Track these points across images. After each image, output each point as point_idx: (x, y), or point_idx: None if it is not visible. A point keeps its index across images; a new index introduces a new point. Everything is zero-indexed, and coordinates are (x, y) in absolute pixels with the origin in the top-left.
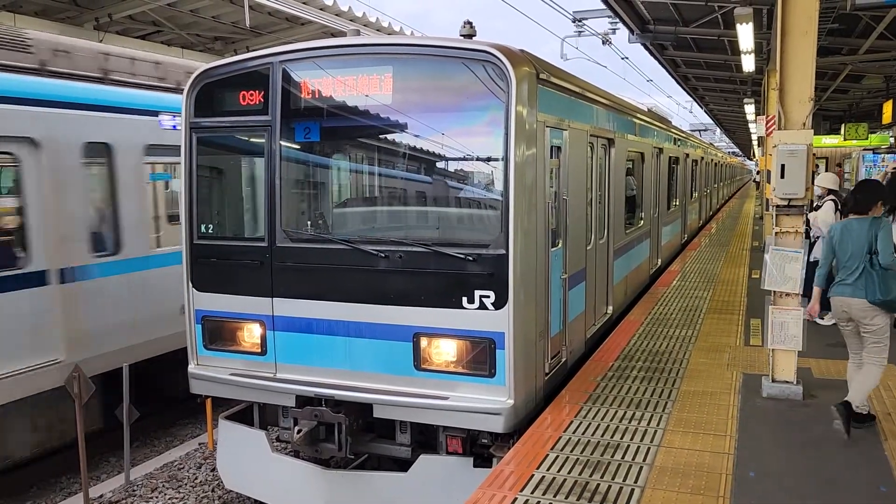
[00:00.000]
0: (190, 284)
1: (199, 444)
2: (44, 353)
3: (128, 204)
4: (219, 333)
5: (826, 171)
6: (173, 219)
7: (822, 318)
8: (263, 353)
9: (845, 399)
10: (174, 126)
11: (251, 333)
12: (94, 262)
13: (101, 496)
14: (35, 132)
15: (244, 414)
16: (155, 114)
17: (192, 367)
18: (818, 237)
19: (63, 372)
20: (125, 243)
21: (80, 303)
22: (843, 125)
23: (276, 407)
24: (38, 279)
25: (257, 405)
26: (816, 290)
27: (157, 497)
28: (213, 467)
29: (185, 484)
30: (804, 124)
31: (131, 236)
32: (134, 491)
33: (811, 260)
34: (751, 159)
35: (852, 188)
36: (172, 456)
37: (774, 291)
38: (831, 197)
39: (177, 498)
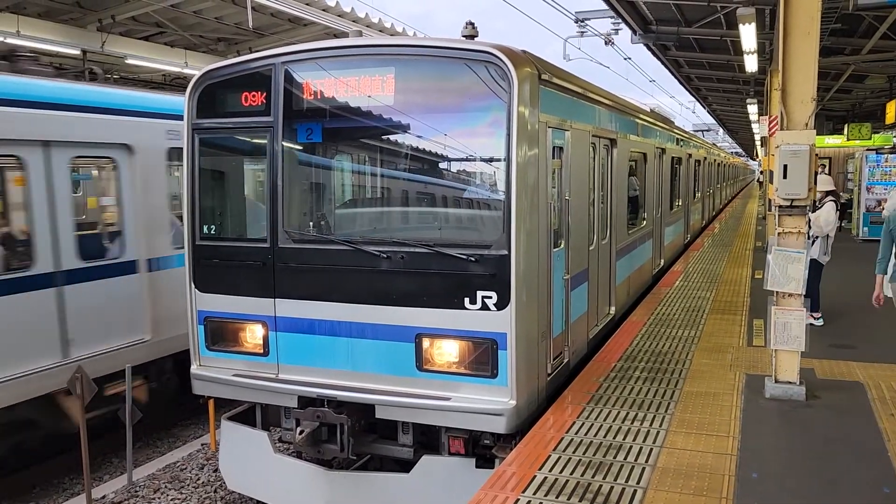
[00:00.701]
0: (192, 285)
1: (202, 444)
2: (135, 333)
3: None
4: (221, 334)
5: (830, 170)
6: None
7: (815, 319)
8: (266, 353)
9: None
10: None
11: (253, 334)
12: (174, 254)
13: (103, 497)
14: (130, 139)
15: (246, 415)
16: None
17: (194, 368)
18: (817, 237)
19: (150, 349)
20: None
21: (162, 289)
22: (846, 125)
23: (279, 408)
24: (131, 268)
25: (259, 406)
26: (879, 278)
27: (159, 498)
28: (216, 468)
29: (188, 485)
30: (806, 125)
31: None
32: (136, 492)
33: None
34: (754, 159)
35: None
36: (175, 457)
37: (777, 292)
38: (830, 198)
39: (179, 499)
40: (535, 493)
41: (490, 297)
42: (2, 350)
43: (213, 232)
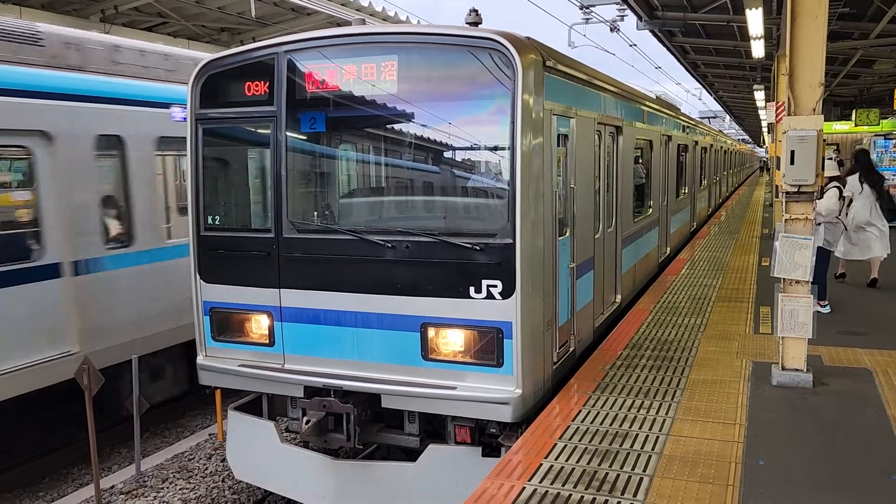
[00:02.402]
0: (197, 276)
1: (209, 435)
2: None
3: None
4: (227, 325)
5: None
6: None
7: (822, 307)
8: (271, 344)
9: None
10: None
11: (259, 324)
12: (108, 255)
13: (112, 487)
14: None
15: (253, 405)
16: None
17: (200, 359)
18: (819, 224)
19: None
20: None
21: (95, 295)
22: (854, 111)
23: (285, 398)
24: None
25: (266, 396)
26: None
27: (167, 487)
28: (223, 458)
29: (196, 474)
30: (814, 110)
31: None
32: (145, 482)
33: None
34: (760, 146)
35: None
36: (183, 447)
37: (784, 279)
38: (834, 184)
39: (187, 488)
40: (541, 482)
41: (495, 286)
42: None
43: (217, 223)
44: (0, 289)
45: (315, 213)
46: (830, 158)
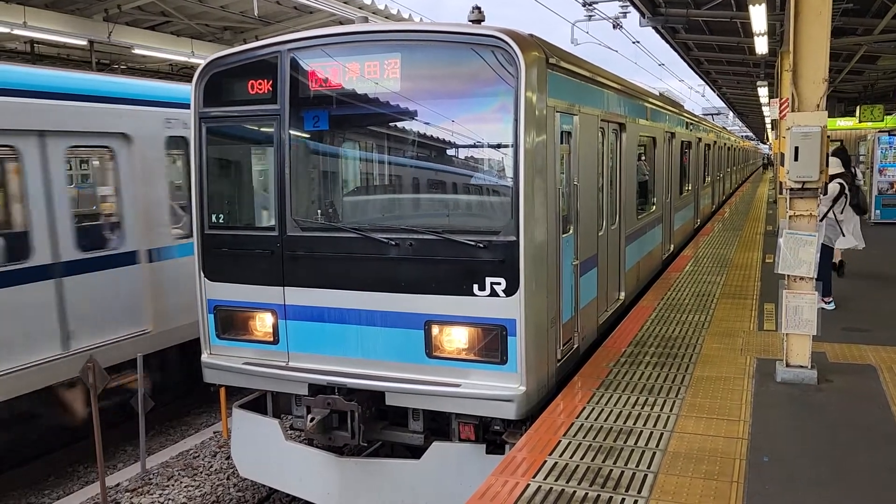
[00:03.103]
0: (202, 274)
1: (214, 432)
2: None
3: None
4: (231, 323)
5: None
6: None
7: (826, 304)
8: (276, 342)
9: None
10: None
11: (263, 322)
12: None
13: (117, 484)
14: None
15: (258, 402)
16: None
17: (205, 357)
18: (822, 220)
19: None
20: None
21: None
22: (858, 107)
23: (290, 395)
24: None
25: (270, 394)
26: None
27: (172, 485)
28: (228, 455)
29: (201, 472)
30: (818, 106)
31: None
32: (150, 479)
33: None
34: (764, 143)
35: None
36: (188, 444)
37: (788, 275)
38: (838, 180)
39: (192, 486)
40: (545, 479)
41: (499, 284)
42: None
43: (221, 221)
44: (96, 272)
45: (319, 211)
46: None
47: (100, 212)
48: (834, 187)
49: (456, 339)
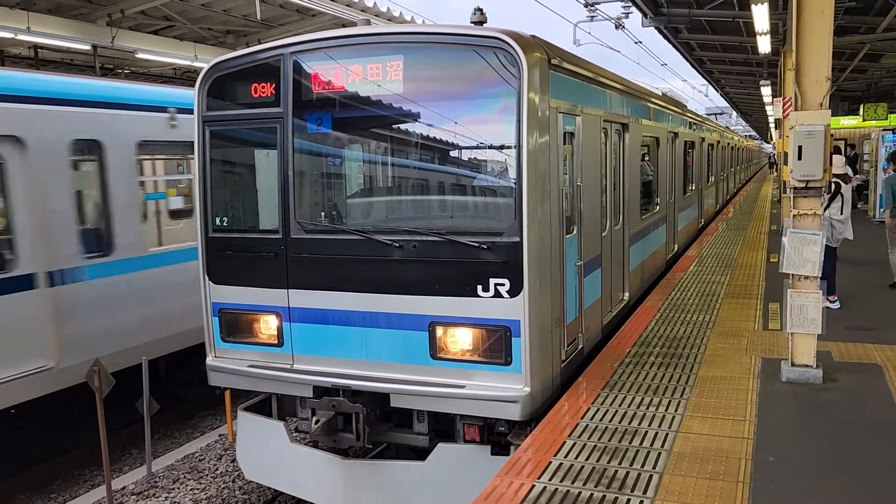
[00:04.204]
0: (206, 277)
1: (219, 435)
2: None
3: None
4: (236, 326)
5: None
6: None
7: (831, 303)
8: (280, 344)
9: None
10: None
11: (268, 325)
12: None
13: (123, 488)
14: None
15: (263, 405)
16: None
17: (209, 360)
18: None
19: None
20: None
21: None
22: (861, 105)
23: (294, 398)
24: None
25: (275, 396)
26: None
27: (178, 488)
28: (233, 458)
29: (206, 475)
30: (821, 105)
31: None
32: (156, 482)
33: None
34: (768, 142)
35: None
36: (193, 447)
37: (793, 274)
38: (834, 180)
39: (198, 489)
40: (550, 479)
41: (503, 285)
42: None
43: (225, 224)
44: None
45: (322, 214)
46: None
47: None
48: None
49: (460, 340)
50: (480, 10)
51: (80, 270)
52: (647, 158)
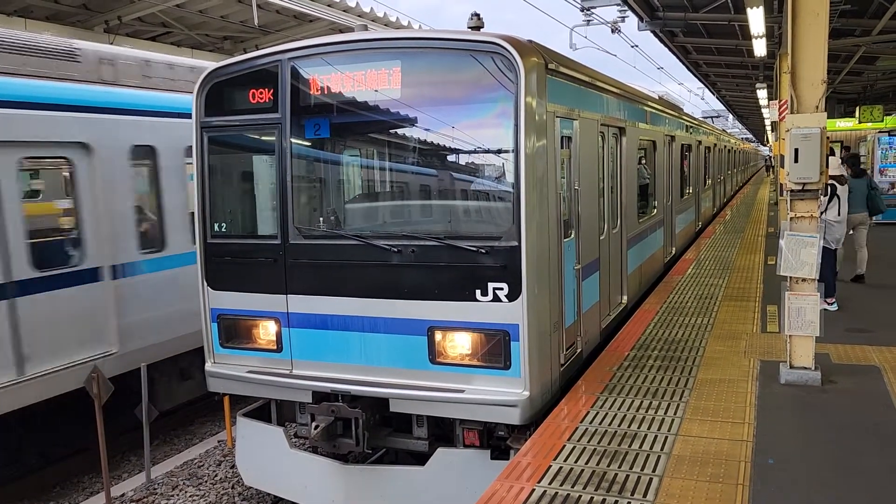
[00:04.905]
0: (205, 283)
1: (219, 441)
2: None
3: None
4: (234, 331)
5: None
6: None
7: (829, 305)
8: (279, 349)
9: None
10: None
11: (266, 330)
12: None
13: (122, 495)
14: None
15: (262, 411)
16: None
17: (208, 366)
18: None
19: None
20: None
21: None
22: (857, 108)
23: (294, 403)
24: None
25: (274, 402)
26: None
27: (177, 495)
28: (233, 464)
29: (206, 481)
30: (817, 107)
31: None
32: (155, 489)
33: None
34: (764, 145)
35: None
36: (192, 454)
37: (790, 277)
38: (830, 182)
39: (197, 495)
40: (550, 483)
41: (501, 289)
42: None
43: (223, 230)
44: None
45: (321, 219)
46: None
47: None
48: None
49: (459, 344)
50: (478, 15)
51: (138, 265)
52: (644, 162)
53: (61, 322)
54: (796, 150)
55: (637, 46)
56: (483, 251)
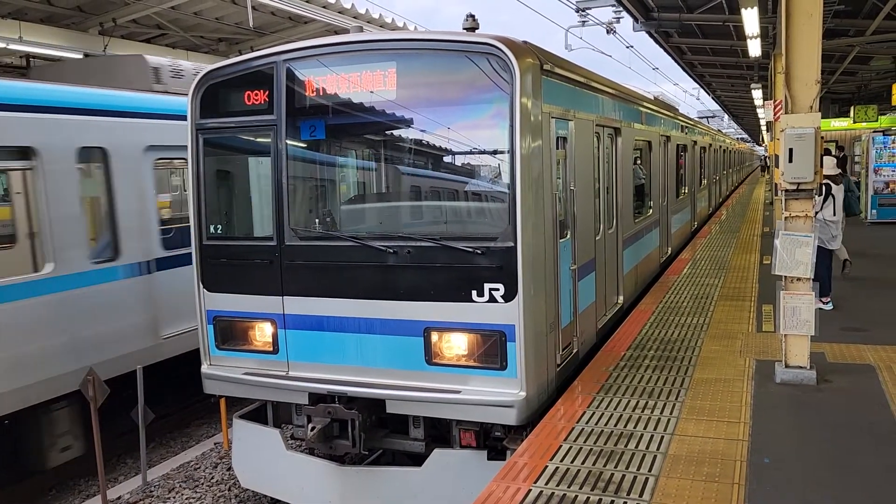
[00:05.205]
0: (200, 285)
1: (215, 443)
2: None
3: None
4: (231, 333)
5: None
6: None
7: (825, 304)
8: (275, 351)
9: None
10: None
11: (263, 332)
12: None
13: (118, 497)
14: None
15: (258, 413)
16: None
17: (204, 368)
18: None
19: None
20: None
21: None
22: (852, 108)
23: (290, 405)
24: None
25: (271, 404)
26: None
27: (174, 497)
28: (229, 466)
29: (202, 484)
30: (811, 107)
31: None
32: (151, 492)
33: None
34: (760, 145)
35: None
36: (188, 456)
37: (785, 276)
38: (825, 181)
39: (194, 498)
40: (546, 484)
41: (497, 290)
42: None
43: (219, 231)
44: None
45: (317, 221)
46: (833, 155)
47: None
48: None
49: (455, 345)
50: (473, 16)
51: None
52: (639, 162)
53: None
54: (790, 150)
55: (632, 47)
56: (479, 252)
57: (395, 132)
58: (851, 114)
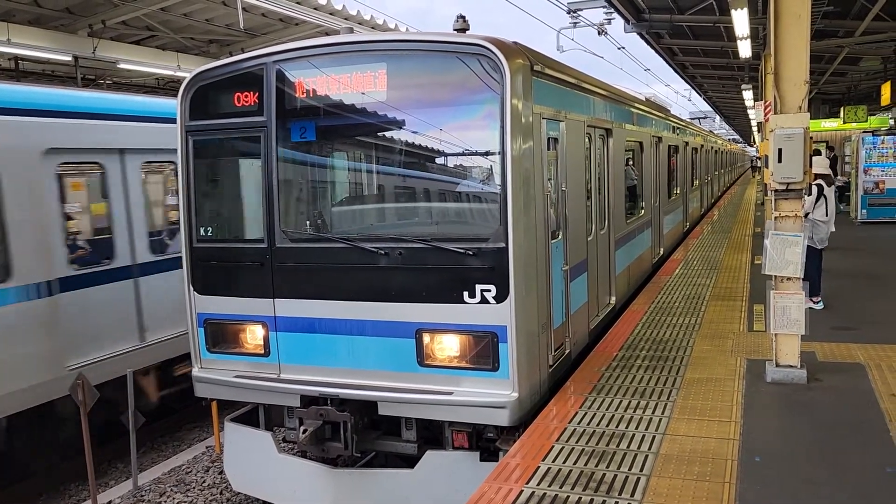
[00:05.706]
0: (191, 287)
1: (206, 447)
2: None
3: None
4: (221, 336)
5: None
6: None
7: (816, 303)
8: (267, 354)
9: None
10: None
11: (254, 335)
12: None
13: (109, 502)
14: None
15: (250, 415)
16: None
17: (195, 371)
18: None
19: None
20: None
21: None
22: (842, 108)
23: (282, 407)
24: None
25: (262, 406)
26: None
27: (165, 501)
28: (221, 470)
29: (193, 487)
30: (800, 108)
31: None
32: (142, 496)
33: None
34: (751, 145)
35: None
36: (180, 460)
37: (776, 276)
38: (817, 181)
39: (185, 501)
40: (538, 484)
41: (489, 291)
42: None
43: (209, 234)
44: None
45: (307, 222)
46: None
47: None
48: (812, 189)
49: (447, 346)
50: (463, 17)
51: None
52: (631, 163)
53: None
54: (780, 150)
55: (624, 48)
56: (470, 253)
57: (386, 133)
58: (841, 114)
